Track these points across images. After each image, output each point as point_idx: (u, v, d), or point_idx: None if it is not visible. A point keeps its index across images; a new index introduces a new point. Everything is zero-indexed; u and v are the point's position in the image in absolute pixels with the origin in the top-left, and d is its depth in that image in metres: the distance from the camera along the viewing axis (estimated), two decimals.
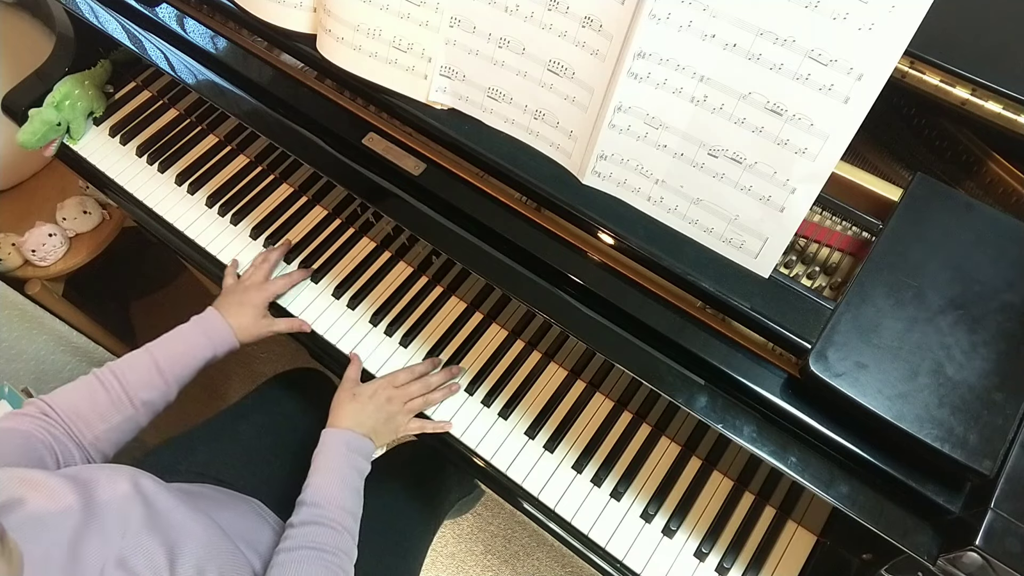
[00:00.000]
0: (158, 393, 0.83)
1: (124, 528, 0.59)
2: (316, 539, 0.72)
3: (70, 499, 0.58)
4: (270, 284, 0.98)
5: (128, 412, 0.80)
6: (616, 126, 0.69)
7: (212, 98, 0.97)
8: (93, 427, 0.76)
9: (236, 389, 1.75)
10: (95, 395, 0.78)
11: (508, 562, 1.57)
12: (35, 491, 0.57)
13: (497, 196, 0.81)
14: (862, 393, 0.62)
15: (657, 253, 0.71)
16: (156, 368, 0.83)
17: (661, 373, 0.72)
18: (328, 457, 0.81)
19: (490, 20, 0.73)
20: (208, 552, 0.63)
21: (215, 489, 0.84)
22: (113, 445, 0.79)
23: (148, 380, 0.82)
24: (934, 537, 0.63)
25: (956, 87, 0.77)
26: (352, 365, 0.93)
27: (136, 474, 0.66)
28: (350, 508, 0.78)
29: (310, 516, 0.74)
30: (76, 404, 0.76)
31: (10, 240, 1.38)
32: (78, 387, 0.78)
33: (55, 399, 0.76)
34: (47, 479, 0.59)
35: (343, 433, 0.83)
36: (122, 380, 0.80)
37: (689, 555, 0.84)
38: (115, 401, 0.79)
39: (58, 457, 0.71)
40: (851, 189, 0.77)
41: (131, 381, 0.81)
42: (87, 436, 0.76)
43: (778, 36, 0.60)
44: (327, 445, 0.82)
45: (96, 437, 0.77)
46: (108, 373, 0.80)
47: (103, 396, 0.78)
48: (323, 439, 0.83)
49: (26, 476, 0.58)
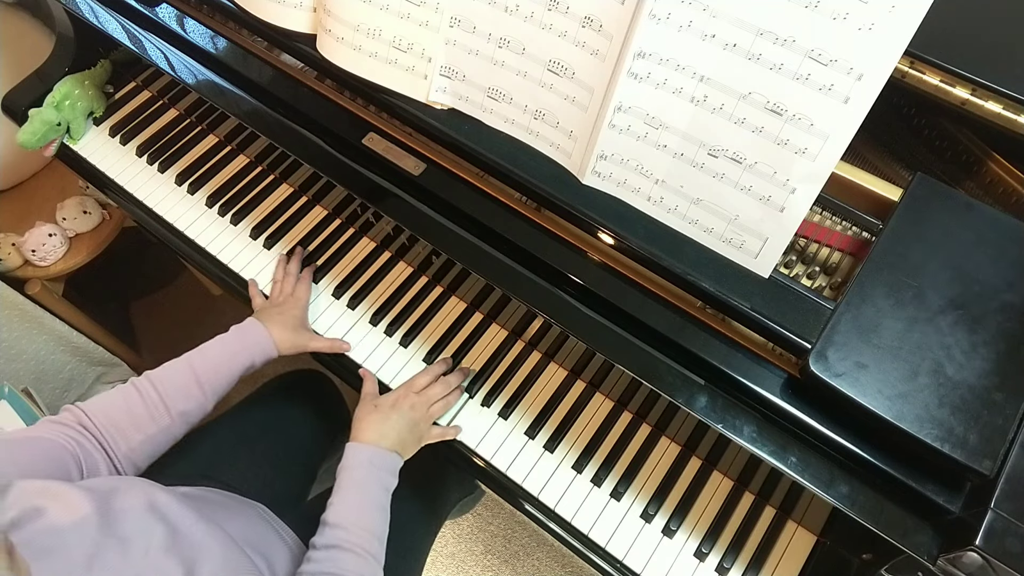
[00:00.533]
0: (195, 404, 0.81)
1: (146, 546, 0.58)
2: (338, 564, 0.70)
3: (88, 512, 0.57)
4: (299, 294, 0.97)
5: (164, 423, 0.78)
6: (616, 126, 0.69)
7: (212, 98, 0.97)
8: (129, 438, 0.75)
9: (237, 390, 1.74)
10: (132, 406, 0.76)
11: (508, 562, 1.57)
12: (55, 502, 0.56)
13: (497, 196, 0.80)
14: (862, 393, 0.62)
15: (657, 253, 0.71)
16: (195, 379, 0.81)
17: (661, 373, 0.72)
18: (352, 475, 0.78)
19: (490, 20, 0.73)
20: (225, 569, 0.62)
21: (220, 494, 0.84)
22: (148, 457, 0.77)
23: (186, 391, 0.80)
24: (934, 537, 0.63)
25: (956, 87, 0.77)
26: (367, 381, 0.92)
27: (153, 488, 0.65)
28: (376, 530, 0.75)
29: (334, 539, 0.72)
30: (113, 414, 0.74)
31: (10, 240, 1.38)
32: (115, 396, 0.76)
33: (92, 408, 0.74)
34: (67, 491, 0.58)
35: (366, 449, 0.80)
36: (160, 390, 0.78)
37: (689, 555, 0.84)
38: (152, 412, 0.77)
39: (83, 468, 0.69)
40: (851, 189, 0.77)
41: (169, 392, 0.79)
42: (122, 447, 0.74)
43: (778, 36, 0.60)
44: (350, 463, 0.79)
45: (131, 448, 0.75)
46: (146, 383, 0.78)
47: (140, 407, 0.76)
48: (346, 454, 0.80)
49: (47, 488, 0.57)
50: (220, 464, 0.94)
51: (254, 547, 0.70)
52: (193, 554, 0.60)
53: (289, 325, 0.93)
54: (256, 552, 0.70)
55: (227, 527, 0.68)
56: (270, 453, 1.00)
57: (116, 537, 0.57)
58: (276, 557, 0.74)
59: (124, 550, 0.56)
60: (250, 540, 0.71)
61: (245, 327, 0.90)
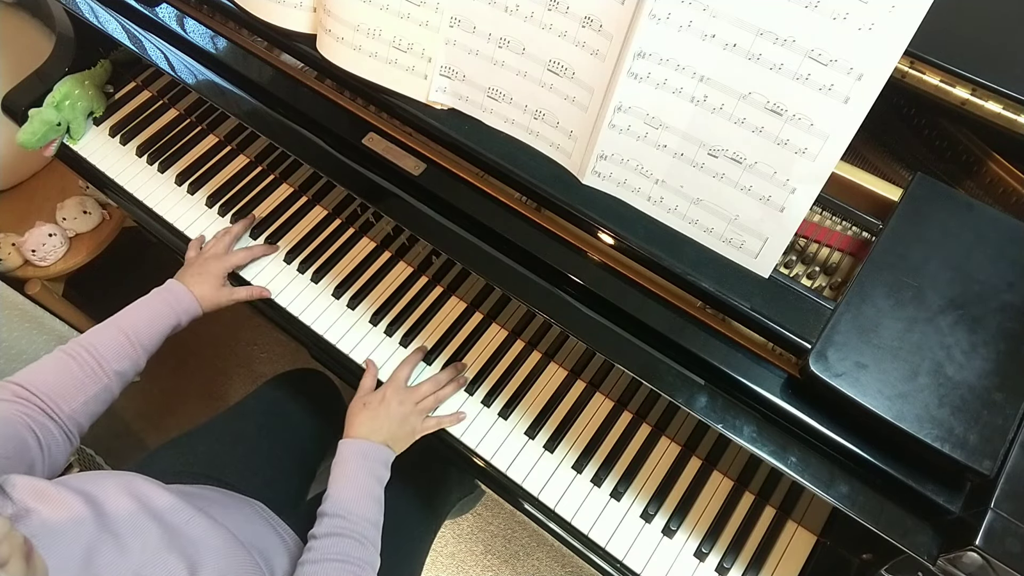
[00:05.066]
0: (129, 362, 0.84)
1: (143, 542, 0.59)
2: (340, 551, 0.72)
3: (80, 510, 0.57)
4: (230, 256, 1.00)
5: (104, 382, 0.80)
6: (616, 126, 0.69)
7: (212, 98, 0.97)
8: (70, 400, 0.76)
9: (236, 389, 1.75)
10: (68, 369, 0.78)
11: (508, 562, 1.57)
12: (43, 502, 0.56)
13: (497, 196, 0.80)
14: (862, 393, 0.62)
15: (657, 253, 0.71)
16: (126, 338, 0.84)
17: (661, 373, 0.72)
18: (346, 468, 0.81)
19: (490, 20, 0.73)
20: (228, 565, 0.62)
21: (219, 492, 0.84)
22: (89, 417, 0.80)
23: (119, 351, 0.83)
24: (934, 537, 0.62)
25: (956, 87, 0.77)
26: (367, 374, 0.93)
27: (147, 483, 0.66)
28: (371, 518, 0.77)
29: (333, 527, 0.74)
30: (49, 380, 0.76)
31: (10, 240, 1.38)
32: (46, 364, 0.78)
33: (26, 377, 0.75)
34: (53, 490, 0.58)
35: (358, 443, 0.83)
36: (93, 352, 0.80)
37: (689, 555, 0.84)
38: (89, 373, 0.79)
39: (39, 437, 0.71)
40: (851, 189, 0.77)
41: (103, 353, 0.81)
42: (64, 410, 0.76)
43: (778, 36, 0.60)
44: (343, 456, 0.82)
45: (73, 410, 0.76)
46: (77, 347, 0.80)
47: (76, 370, 0.79)
48: (339, 450, 0.83)
49: (35, 486, 0.57)
50: (219, 463, 0.94)
51: (253, 545, 0.71)
52: (193, 550, 0.61)
53: (207, 282, 0.95)
54: (255, 549, 0.70)
55: (227, 524, 0.68)
56: (269, 452, 1.00)
57: (112, 534, 0.57)
58: (275, 555, 0.74)
59: (121, 547, 0.57)
60: (249, 538, 0.71)
61: (167, 288, 0.93)
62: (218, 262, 0.98)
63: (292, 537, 0.82)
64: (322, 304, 1.01)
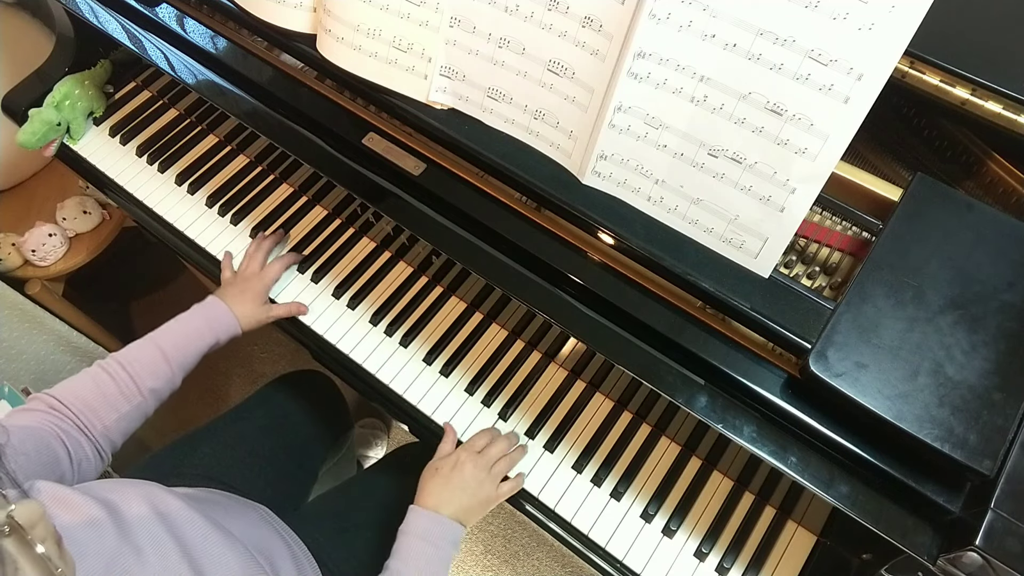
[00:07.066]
0: (164, 381, 0.84)
1: (162, 557, 0.58)
2: None
3: (99, 516, 0.57)
4: (267, 271, 0.99)
5: (136, 400, 0.80)
6: (616, 126, 0.69)
7: (212, 98, 0.97)
8: (103, 417, 0.76)
9: (237, 390, 1.75)
10: (103, 386, 0.78)
11: (508, 562, 1.57)
12: (65, 509, 0.56)
13: (497, 196, 0.80)
14: (862, 393, 0.62)
15: (657, 253, 0.71)
16: (162, 357, 0.84)
17: (661, 373, 0.72)
18: (409, 545, 0.78)
19: (490, 20, 0.73)
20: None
21: (222, 495, 0.84)
22: (122, 434, 0.80)
23: (154, 369, 0.83)
24: (934, 537, 0.62)
25: (956, 87, 0.77)
26: (445, 439, 0.89)
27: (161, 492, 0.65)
28: None
29: None
30: (83, 395, 0.76)
31: (10, 240, 1.38)
32: (83, 379, 0.78)
33: (61, 392, 0.75)
34: (77, 497, 0.57)
35: (425, 517, 0.80)
36: (129, 370, 0.80)
37: (689, 555, 0.84)
38: (123, 391, 0.79)
39: (69, 451, 0.71)
40: (851, 189, 0.77)
41: (138, 371, 0.81)
42: (97, 426, 0.76)
43: (778, 36, 0.60)
44: (409, 527, 0.79)
45: (106, 427, 0.77)
46: (114, 363, 0.80)
47: (111, 386, 0.79)
48: (407, 518, 0.80)
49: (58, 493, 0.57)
50: (221, 465, 0.94)
51: (258, 549, 0.70)
52: (213, 569, 0.60)
53: (249, 300, 0.95)
54: (262, 556, 0.70)
55: (235, 531, 0.68)
56: (271, 454, 1.00)
57: (131, 545, 0.56)
58: (279, 559, 0.74)
59: (140, 557, 0.56)
60: (256, 543, 0.71)
61: (207, 306, 0.92)
62: (258, 280, 0.98)
63: (294, 539, 0.82)
64: (322, 304, 1.01)
